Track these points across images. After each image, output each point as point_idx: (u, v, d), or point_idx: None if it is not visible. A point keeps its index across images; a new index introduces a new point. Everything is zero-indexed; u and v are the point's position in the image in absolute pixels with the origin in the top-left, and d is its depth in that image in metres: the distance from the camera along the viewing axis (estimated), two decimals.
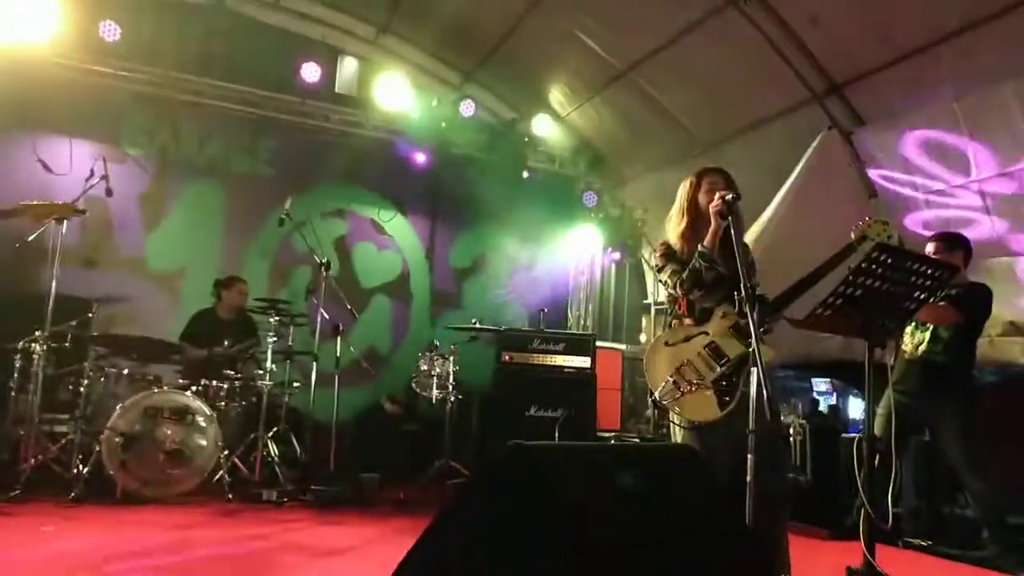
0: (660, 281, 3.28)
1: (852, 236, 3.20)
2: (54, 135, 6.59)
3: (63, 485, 4.64)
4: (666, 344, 3.07)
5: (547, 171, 8.64)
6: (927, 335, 4.36)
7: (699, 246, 3.06)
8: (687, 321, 3.13)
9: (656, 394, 2.97)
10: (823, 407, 8.29)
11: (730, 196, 2.94)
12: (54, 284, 4.78)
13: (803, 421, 6.65)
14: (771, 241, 5.65)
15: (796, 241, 5.37)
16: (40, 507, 4.35)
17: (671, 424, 3.10)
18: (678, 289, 3.12)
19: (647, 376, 3.05)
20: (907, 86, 5.26)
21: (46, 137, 6.54)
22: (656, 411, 3.12)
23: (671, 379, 2.98)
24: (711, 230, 3.04)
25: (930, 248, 4.28)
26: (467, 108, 7.71)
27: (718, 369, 2.99)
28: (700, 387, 2.95)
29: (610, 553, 1.72)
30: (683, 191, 3.29)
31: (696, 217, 3.20)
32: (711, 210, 3.03)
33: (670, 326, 3.21)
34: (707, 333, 3.05)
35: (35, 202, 4.38)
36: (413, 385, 6.40)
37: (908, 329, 4.43)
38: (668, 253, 3.22)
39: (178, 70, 6.91)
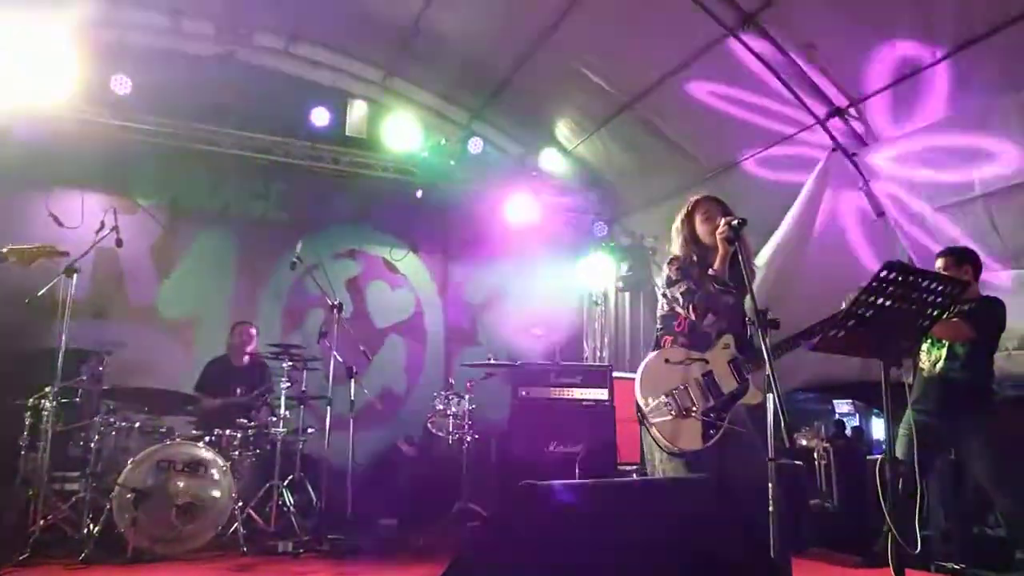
0: (668, 297, 3.20)
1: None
2: (66, 188, 6.68)
3: (73, 546, 4.56)
4: (666, 361, 3.01)
5: (557, 204, 8.64)
6: (943, 352, 4.26)
7: (709, 271, 3.01)
8: (682, 341, 3.07)
9: (645, 408, 2.90)
10: (846, 429, 8.13)
11: (736, 221, 2.90)
12: (63, 338, 4.77)
13: (827, 444, 6.52)
14: (782, 264, 5.59)
15: (806, 263, 5.31)
16: (49, 570, 4.27)
17: (652, 446, 3.00)
18: (689, 311, 3.07)
19: (640, 386, 2.97)
20: (908, 104, 5.22)
21: (58, 191, 6.63)
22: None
23: (664, 399, 2.90)
24: (720, 255, 2.99)
25: (939, 264, 4.22)
26: (475, 146, 7.76)
27: (711, 401, 2.92)
28: (690, 415, 2.88)
29: None
30: (678, 228, 3.26)
31: (699, 248, 3.16)
32: (718, 236, 2.99)
33: (661, 343, 3.14)
34: (707, 362, 2.99)
35: (19, 246, 4.36)
36: (429, 426, 6.34)
37: (924, 347, 4.34)
38: (683, 268, 3.15)
39: (189, 120, 7.01)
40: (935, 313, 2.66)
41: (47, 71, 6.05)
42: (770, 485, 2.56)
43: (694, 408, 2.90)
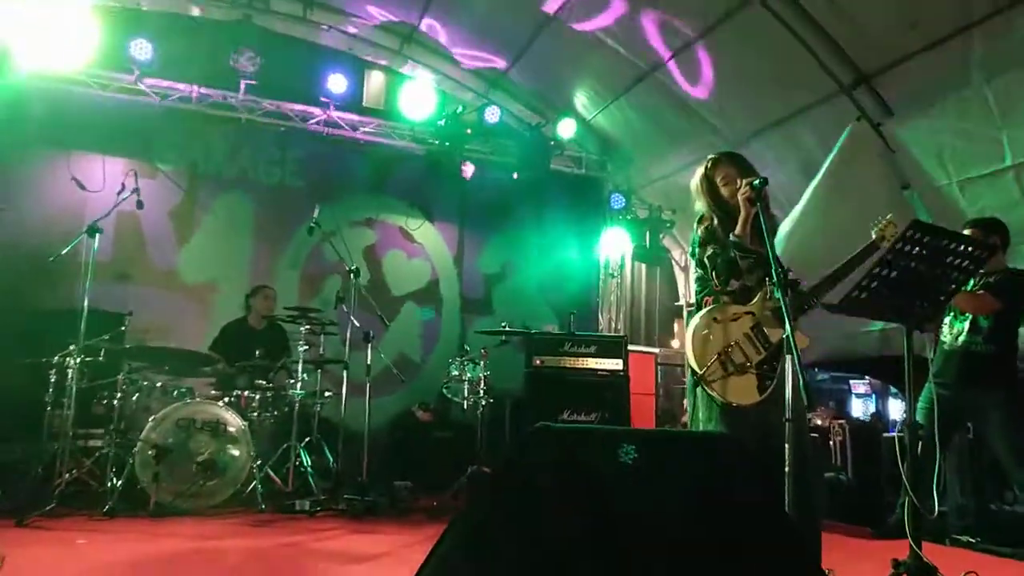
0: (696, 258, 3.18)
1: (872, 235, 3.14)
2: (88, 153, 6.74)
3: (97, 499, 4.67)
4: (715, 320, 2.99)
5: (573, 174, 8.61)
6: (966, 325, 4.23)
7: (731, 235, 3.00)
8: (725, 298, 3.05)
9: (701, 370, 2.89)
10: (862, 408, 8.13)
11: (757, 180, 2.88)
12: (87, 299, 4.84)
13: (842, 421, 6.53)
14: (804, 235, 5.54)
15: (830, 234, 5.25)
16: (74, 521, 4.38)
17: (696, 406, 3.02)
18: (714, 277, 3.06)
19: (693, 350, 2.95)
20: (938, 73, 5.13)
21: (80, 156, 6.69)
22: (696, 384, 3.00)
23: (719, 358, 2.90)
24: (742, 218, 2.97)
25: (967, 233, 4.15)
26: (492, 115, 7.73)
27: (762, 353, 2.92)
28: (746, 370, 2.88)
29: (642, 531, 1.66)
30: (699, 190, 3.23)
31: (722, 210, 3.14)
32: (740, 198, 2.96)
33: (703, 303, 3.13)
34: (752, 314, 2.98)
35: None
36: (444, 391, 6.38)
37: (946, 320, 4.31)
38: (711, 229, 3.13)
39: (207, 85, 7.04)
40: (961, 278, 2.63)
41: (68, 37, 6.11)
42: (787, 447, 2.57)
43: (748, 363, 2.90)
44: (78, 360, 4.80)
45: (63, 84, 6.60)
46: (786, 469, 2.48)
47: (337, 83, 7.19)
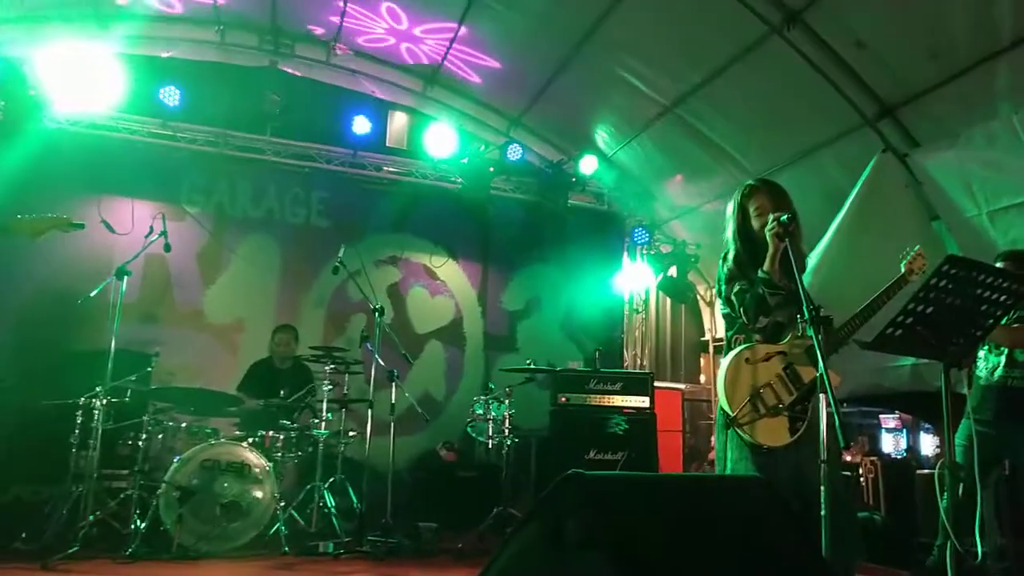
0: (722, 295, 3.12)
1: (901, 268, 3.08)
2: (118, 197, 6.87)
3: (121, 541, 4.64)
4: (746, 361, 2.92)
5: (596, 210, 8.62)
6: (1002, 359, 4.11)
7: (759, 271, 2.94)
8: (756, 337, 2.99)
9: (733, 412, 2.82)
10: (893, 444, 7.92)
11: (785, 216, 2.84)
12: (114, 340, 4.88)
13: (874, 458, 6.37)
14: (831, 268, 5.46)
15: (857, 267, 5.18)
16: (98, 564, 4.36)
17: (726, 447, 2.94)
18: (742, 314, 3.00)
19: (724, 392, 2.88)
20: (962, 103, 5.09)
21: (110, 199, 6.82)
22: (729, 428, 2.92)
23: (751, 400, 2.83)
24: (770, 254, 2.92)
25: (999, 266, 4.07)
26: (514, 152, 7.79)
27: (795, 394, 2.85)
28: (779, 412, 2.81)
29: None
30: (731, 216, 3.18)
31: (750, 243, 3.09)
32: (768, 233, 2.91)
33: (734, 342, 3.06)
34: (785, 354, 2.91)
35: (29, 216, 4.39)
36: (469, 430, 6.32)
37: (981, 354, 4.19)
38: (738, 264, 3.07)
39: (234, 128, 7.18)
40: (998, 312, 2.56)
41: (99, 85, 6.28)
42: (822, 489, 2.50)
43: (780, 405, 2.84)
44: (104, 401, 4.82)
45: (95, 130, 6.80)
46: (822, 512, 2.39)
47: (361, 124, 7.31)
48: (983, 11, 4.55)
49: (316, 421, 5.60)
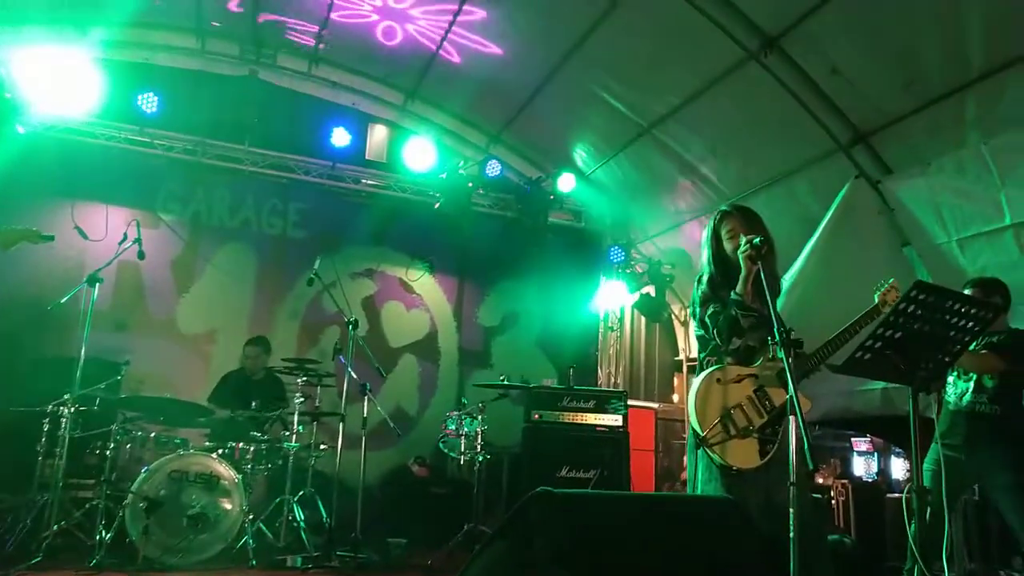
0: (696, 317, 3.16)
1: (875, 300, 3.14)
2: (92, 203, 6.79)
3: (85, 551, 4.55)
4: (718, 382, 2.95)
5: (573, 227, 8.67)
6: (971, 385, 4.17)
7: (732, 293, 2.98)
8: (728, 359, 3.01)
9: (703, 432, 2.84)
10: (864, 467, 8.01)
11: (757, 239, 2.88)
12: (84, 347, 4.80)
13: (845, 481, 6.43)
14: (803, 292, 5.54)
15: (828, 291, 5.26)
16: (60, 575, 4.26)
17: (696, 467, 2.95)
18: (715, 336, 3.03)
19: (695, 412, 2.90)
20: (934, 131, 5.21)
21: (84, 205, 6.74)
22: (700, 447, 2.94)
23: (721, 421, 2.85)
24: (742, 276, 2.96)
25: (968, 294, 4.14)
26: (493, 168, 7.82)
27: (765, 416, 2.87)
28: (748, 434, 2.83)
29: None
30: (706, 244, 3.23)
31: (724, 266, 3.13)
32: (741, 256, 2.96)
33: (706, 363, 3.09)
34: (756, 376, 2.94)
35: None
36: (441, 446, 6.28)
37: (950, 379, 4.25)
38: (712, 286, 3.11)
39: (212, 137, 7.14)
40: (966, 338, 2.61)
41: (76, 89, 6.21)
42: (791, 511, 2.51)
43: (751, 427, 2.86)
44: (72, 409, 4.74)
45: (70, 135, 6.72)
46: (790, 535, 2.41)
47: (340, 137, 7.29)
48: (954, 44, 4.66)
49: (287, 434, 5.55)
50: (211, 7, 6.80)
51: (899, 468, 8.28)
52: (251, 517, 5.01)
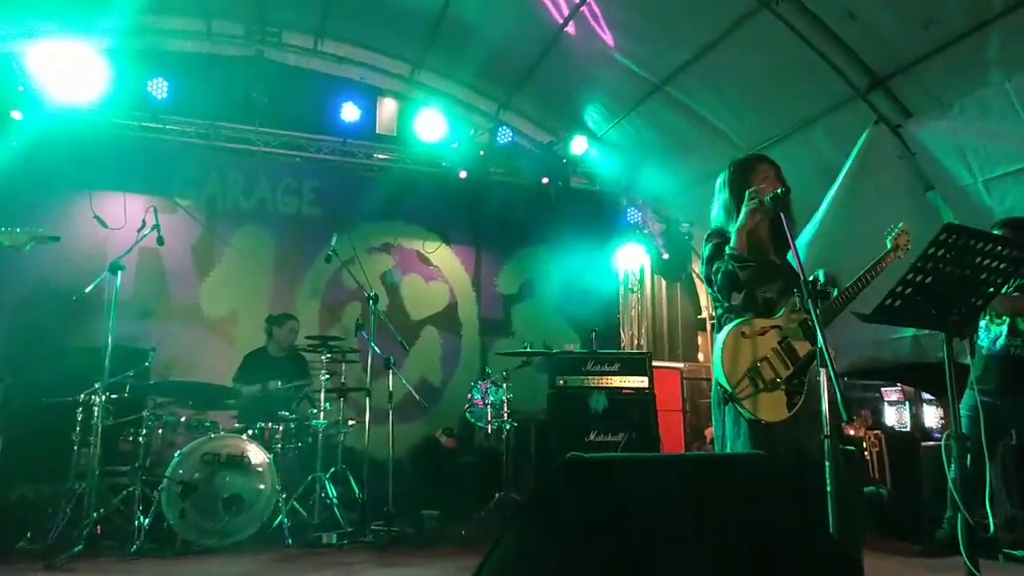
0: (704, 276, 3.11)
1: (887, 245, 3.07)
2: (109, 192, 6.81)
3: (125, 537, 4.62)
4: (743, 336, 2.89)
5: (588, 190, 8.58)
6: (1004, 328, 4.10)
7: (727, 247, 2.91)
8: (748, 314, 2.96)
9: (732, 387, 2.81)
10: (896, 417, 7.93)
11: (770, 195, 2.81)
12: (110, 336, 4.84)
13: (878, 432, 6.36)
14: (826, 242, 5.45)
15: (852, 240, 5.16)
16: (103, 563, 4.33)
17: (723, 423, 2.92)
18: (718, 292, 2.99)
19: (722, 367, 2.85)
20: (954, 72, 5.06)
21: (101, 194, 6.75)
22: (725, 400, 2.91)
23: (748, 374, 2.82)
24: (738, 226, 2.89)
25: (1000, 235, 4.04)
26: (504, 136, 7.75)
27: (791, 368, 2.84)
28: (776, 386, 2.80)
29: (679, 561, 1.59)
30: (718, 193, 3.15)
31: (734, 219, 3.06)
32: (747, 206, 2.88)
33: (724, 320, 3.04)
34: (780, 327, 2.90)
35: (3, 231, 4.34)
36: (468, 416, 6.31)
37: (983, 323, 4.18)
38: (720, 244, 3.02)
39: (223, 120, 7.12)
40: (998, 280, 2.54)
41: (88, 80, 6.20)
42: (827, 464, 2.48)
43: (778, 379, 2.82)
44: (103, 398, 4.78)
45: (84, 125, 6.71)
46: (828, 488, 2.38)
47: (350, 112, 7.24)
48: None
49: (315, 411, 5.58)
50: None
51: (932, 416, 8.19)
52: (284, 496, 5.07)
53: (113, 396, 4.95)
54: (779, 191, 2.83)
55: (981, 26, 4.72)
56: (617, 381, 6.17)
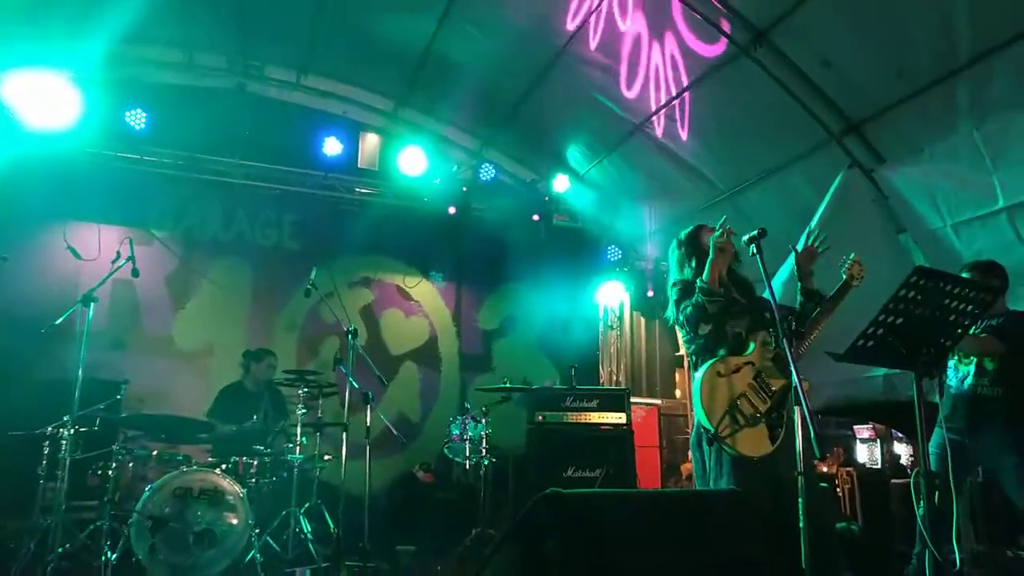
0: (677, 320, 3.20)
1: (843, 277, 3.26)
2: (84, 222, 6.78)
3: (92, 574, 4.50)
4: (719, 374, 2.95)
5: (570, 228, 8.66)
6: (971, 368, 4.17)
7: (698, 281, 3.01)
8: (720, 351, 3.03)
9: (715, 426, 2.83)
10: (868, 454, 8.00)
11: (746, 236, 2.92)
12: (81, 368, 4.77)
13: (850, 469, 6.42)
14: None
15: (827, 280, 5.23)
16: None
17: (703, 462, 2.96)
18: (687, 327, 3.07)
19: (701, 406, 2.90)
20: (925, 119, 5.21)
21: (76, 225, 6.72)
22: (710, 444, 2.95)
23: (728, 412, 2.85)
24: (709, 262, 3.01)
25: (966, 278, 4.14)
26: (486, 172, 7.82)
27: (768, 402, 2.88)
28: (757, 420, 2.84)
29: None
30: (675, 249, 3.40)
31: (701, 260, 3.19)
32: (714, 243, 3.02)
33: (698, 361, 3.10)
34: (753, 364, 2.95)
35: None
36: (446, 451, 6.27)
37: (951, 363, 4.25)
38: (686, 288, 3.15)
39: (203, 152, 7.12)
40: (966, 322, 2.61)
41: (65, 109, 6.16)
42: (800, 500, 2.50)
43: (758, 413, 2.86)
44: (72, 431, 4.69)
45: (58, 154, 6.64)
46: (800, 524, 2.40)
47: (332, 146, 7.27)
48: (942, 31, 4.66)
49: (290, 446, 5.52)
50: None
51: (903, 454, 8.25)
52: (257, 531, 4.98)
53: (82, 429, 4.85)
54: (757, 230, 2.91)
55: (949, 76, 4.87)
56: (596, 417, 6.19)
